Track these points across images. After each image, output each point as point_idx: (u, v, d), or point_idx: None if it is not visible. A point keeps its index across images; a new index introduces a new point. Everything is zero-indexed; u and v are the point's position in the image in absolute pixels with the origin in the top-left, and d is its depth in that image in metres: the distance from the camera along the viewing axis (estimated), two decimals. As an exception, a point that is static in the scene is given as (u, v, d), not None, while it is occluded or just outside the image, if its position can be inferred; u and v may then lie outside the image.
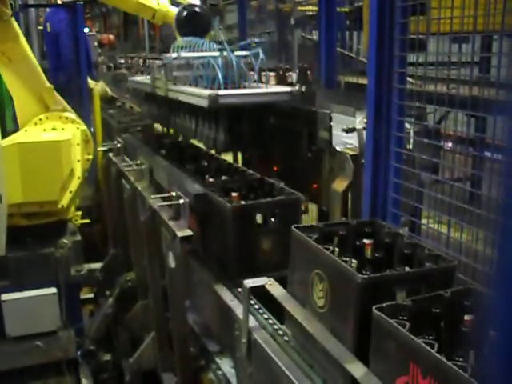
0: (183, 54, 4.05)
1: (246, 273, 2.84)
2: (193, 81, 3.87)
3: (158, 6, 4.92)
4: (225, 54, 3.75)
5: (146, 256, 3.90)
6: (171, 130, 4.66)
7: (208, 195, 3.28)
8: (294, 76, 5.04)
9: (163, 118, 4.46)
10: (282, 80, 5.33)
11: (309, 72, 5.14)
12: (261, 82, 3.68)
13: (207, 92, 3.33)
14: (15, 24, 4.45)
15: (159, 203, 3.69)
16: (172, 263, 3.21)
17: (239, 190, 3.34)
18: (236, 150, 3.43)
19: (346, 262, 2.22)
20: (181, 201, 3.39)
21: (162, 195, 3.71)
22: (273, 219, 3.15)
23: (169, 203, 3.51)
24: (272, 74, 5.75)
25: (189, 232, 3.22)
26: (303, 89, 3.94)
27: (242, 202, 3.13)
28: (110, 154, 5.30)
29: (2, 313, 4.33)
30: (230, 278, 3.16)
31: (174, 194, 3.50)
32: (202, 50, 4.08)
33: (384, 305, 1.96)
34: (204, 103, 3.33)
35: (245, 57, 3.75)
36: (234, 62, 3.58)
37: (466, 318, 1.89)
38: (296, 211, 3.16)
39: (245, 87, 3.61)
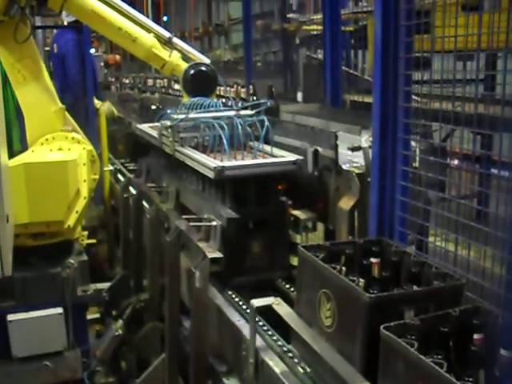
0: (191, 115, 4.13)
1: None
2: (200, 141, 4.05)
3: (169, 58, 4.89)
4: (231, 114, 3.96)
5: (167, 277, 3.94)
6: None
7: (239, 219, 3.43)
8: (299, 95, 5.08)
9: (170, 171, 4.62)
10: (237, 94, 6.64)
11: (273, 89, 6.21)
12: (266, 142, 3.85)
13: (213, 164, 3.46)
14: (33, 42, 4.48)
15: (187, 224, 3.79)
16: (198, 283, 3.25)
17: None
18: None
19: (353, 281, 2.21)
20: (213, 223, 3.46)
21: (192, 216, 3.83)
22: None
23: (198, 224, 3.63)
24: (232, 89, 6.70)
25: (219, 254, 3.31)
26: (269, 103, 4.11)
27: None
28: (131, 175, 5.39)
29: (8, 333, 4.31)
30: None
31: (205, 216, 3.61)
32: (208, 111, 4.18)
33: (392, 324, 1.95)
34: (210, 175, 3.47)
35: (250, 118, 3.91)
36: (240, 127, 3.74)
37: (476, 336, 1.88)
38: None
39: (251, 148, 3.79)
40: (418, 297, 2.17)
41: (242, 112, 4.05)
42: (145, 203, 4.98)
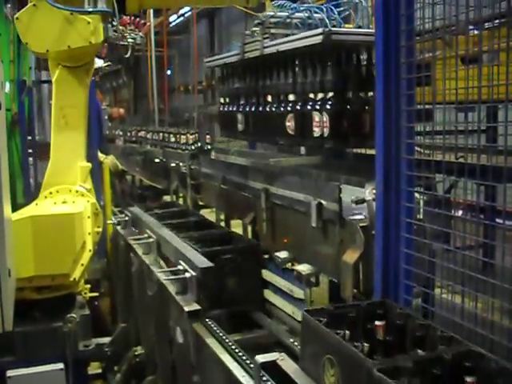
0: (279, 13, 4.18)
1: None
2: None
3: None
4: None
5: (154, 331, 3.87)
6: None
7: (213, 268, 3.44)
8: (302, 147, 5.09)
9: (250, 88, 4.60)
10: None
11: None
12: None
13: (320, 30, 3.47)
14: (87, 95, 4.53)
15: (166, 277, 3.71)
16: (180, 338, 3.17)
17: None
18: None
19: (356, 346, 2.18)
20: (187, 274, 3.38)
21: (169, 269, 3.74)
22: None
23: (175, 277, 3.55)
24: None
25: (196, 306, 3.23)
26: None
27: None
28: (118, 227, 5.34)
29: (7, 390, 4.23)
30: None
31: (180, 267, 3.51)
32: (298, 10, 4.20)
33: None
34: (317, 40, 3.45)
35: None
36: (337, 16, 3.77)
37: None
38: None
39: None
40: (423, 363, 2.12)
41: None
42: (132, 255, 4.92)
